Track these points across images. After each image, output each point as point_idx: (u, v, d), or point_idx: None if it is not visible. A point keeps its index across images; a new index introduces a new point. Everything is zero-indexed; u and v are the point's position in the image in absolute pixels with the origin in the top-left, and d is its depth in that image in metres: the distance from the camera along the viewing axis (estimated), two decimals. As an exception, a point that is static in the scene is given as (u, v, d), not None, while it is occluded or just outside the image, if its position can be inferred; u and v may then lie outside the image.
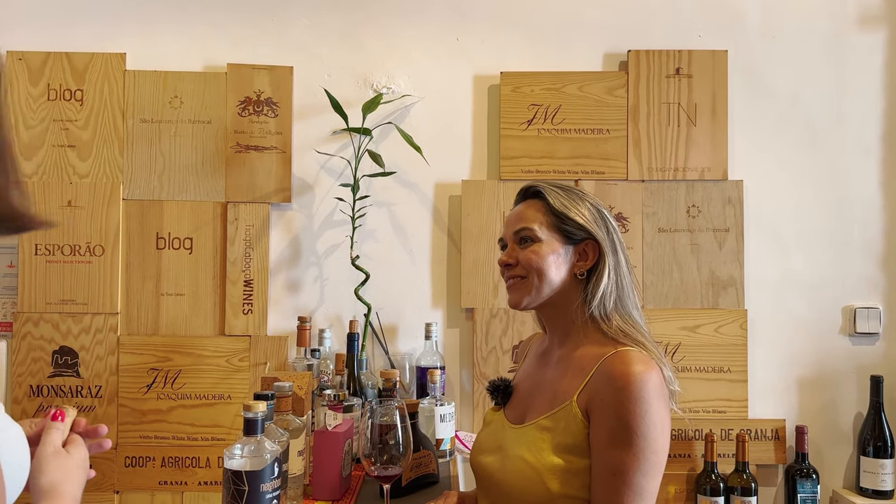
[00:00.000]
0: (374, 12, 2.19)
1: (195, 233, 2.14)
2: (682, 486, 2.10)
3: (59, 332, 2.11)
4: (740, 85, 2.18)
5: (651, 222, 2.14)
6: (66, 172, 2.13)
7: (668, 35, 2.18)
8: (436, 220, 2.19)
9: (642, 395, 1.11)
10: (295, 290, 2.17)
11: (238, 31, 2.18)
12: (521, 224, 1.30)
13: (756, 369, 2.15)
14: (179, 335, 2.13)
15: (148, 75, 2.14)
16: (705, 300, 2.14)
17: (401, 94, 2.17)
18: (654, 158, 2.15)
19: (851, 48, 2.19)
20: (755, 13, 2.19)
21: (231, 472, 1.16)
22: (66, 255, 2.12)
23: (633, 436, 1.10)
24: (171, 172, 2.14)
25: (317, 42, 2.18)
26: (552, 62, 2.17)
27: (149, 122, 2.15)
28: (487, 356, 2.13)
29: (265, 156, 2.14)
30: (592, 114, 2.15)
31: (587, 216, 1.28)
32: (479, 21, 2.19)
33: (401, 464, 1.31)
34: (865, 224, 2.18)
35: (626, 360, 1.15)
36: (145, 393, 2.11)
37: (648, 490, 1.12)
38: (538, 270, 1.26)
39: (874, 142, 2.19)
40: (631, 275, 1.30)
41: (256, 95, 2.14)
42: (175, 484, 2.10)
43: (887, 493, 2.06)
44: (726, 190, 2.14)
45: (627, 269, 1.29)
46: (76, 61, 2.14)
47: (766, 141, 2.18)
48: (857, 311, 2.15)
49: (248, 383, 2.10)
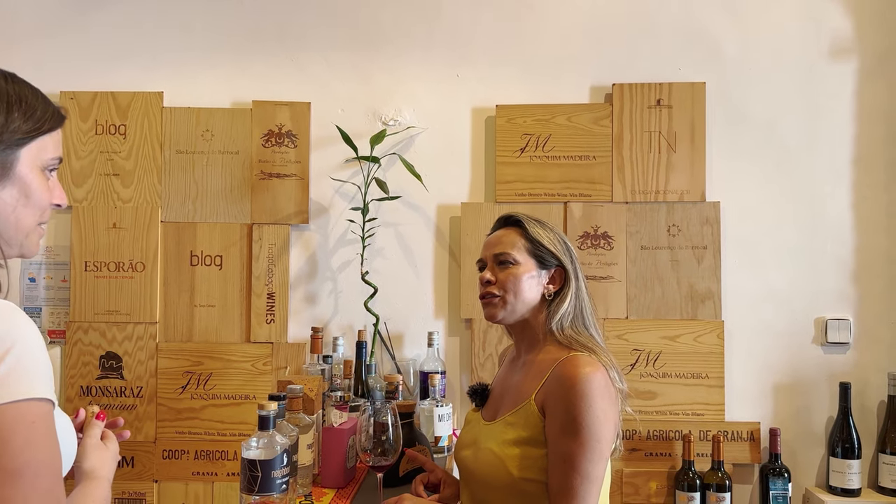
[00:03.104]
0: (383, 52, 2.43)
1: (224, 251, 2.40)
2: (662, 483, 2.29)
3: (105, 339, 2.39)
4: (718, 113, 2.36)
5: (634, 240, 2.34)
6: (112, 198, 2.40)
7: (651, 68, 2.37)
8: (438, 238, 2.42)
9: (588, 392, 1.29)
10: (312, 302, 2.42)
11: (262, 70, 2.43)
12: (500, 248, 1.49)
13: (734, 376, 2.33)
14: (210, 342, 2.39)
15: (182, 111, 2.41)
16: (685, 312, 2.32)
17: (406, 126, 2.41)
18: (637, 182, 2.34)
19: (823, 78, 2.36)
20: (732, 46, 2.37)
21: (247, 460, 1.39)
22: (111, 271, 2.39)
23: (579, 427, 1.28)
24: (204, 198, 2.41)
25: (332, 79, 2.43)
26: (543, 95, 2.39)
27: (183, 153, 2.42)
28: (484, 362, 2.34)
29: (286, 182, 2.40)
30: (580, 142, 2.35)
31: (557, 246, 1.49)
32: (478, 58, 2.42)
33: (392, 456, 1.54)
34: (837, 242, 2.34)
35: (576, 363, 1.33)
36: (180, 393, 2.37)
37: (594, 473, 1.29)
38: (515, 290, 1.45)
39: (845, 165, 2.35)
40: (589, 298, 1.51)
41: (278, 129, 2.40)
42: (206, 475, 2.36)
43: (854, 491, 2.22)
44: (704, 210, 2.33)
45: (586, 292, 1.50)
46: (120, 100, 2.41)
47: (742, 165, 2.36)
48: (828, 323, 2.32)
49: (271, 385, 2.35)
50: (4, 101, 0.90)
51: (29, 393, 0.79)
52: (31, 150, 0.92)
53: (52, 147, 0.96)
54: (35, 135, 0.93)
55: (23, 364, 0.79)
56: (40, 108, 0.94)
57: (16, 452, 0.76)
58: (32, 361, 0.81)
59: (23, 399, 0.78)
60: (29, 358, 0.80)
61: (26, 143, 0.92)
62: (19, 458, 0.76)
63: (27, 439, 0.77)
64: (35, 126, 0.92)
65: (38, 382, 0.80)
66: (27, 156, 0.92)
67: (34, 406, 0.79)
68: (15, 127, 0.90)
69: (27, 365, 0.80)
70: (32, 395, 0.79)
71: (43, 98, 0.96)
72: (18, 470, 0.76)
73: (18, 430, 0.77)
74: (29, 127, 0.92)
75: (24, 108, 0.91)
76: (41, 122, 0.93)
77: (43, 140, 0.94)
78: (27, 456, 0.77)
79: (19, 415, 0.77)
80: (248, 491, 1.38)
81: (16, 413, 0.77)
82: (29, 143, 0.92)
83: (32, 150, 0.93)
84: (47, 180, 0.96)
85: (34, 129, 0.92)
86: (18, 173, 0.91)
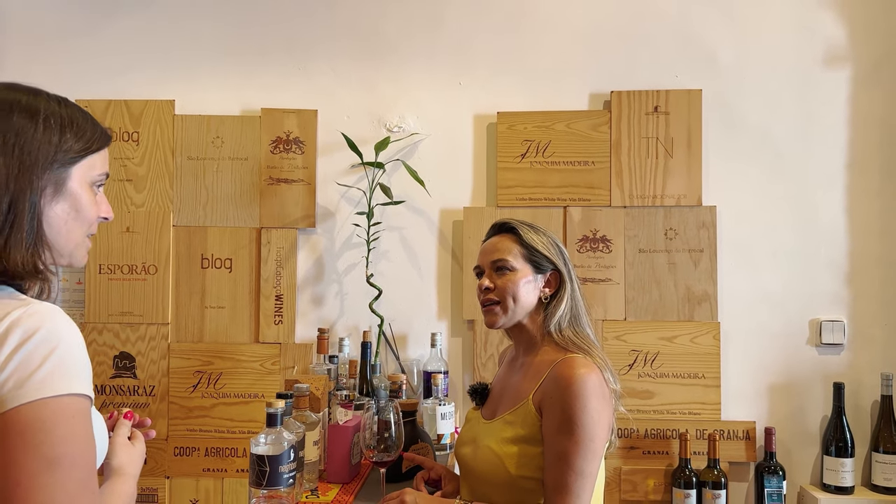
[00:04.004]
0: (388, 61, 2.50)
1: (234, 254, 2.48)
2: (660, 480, 2.34)
3: (119, 340, 2.46)
4: (715, 119, 2.42)
5: (632, 244, 2.40)
6: (125, 203, 2.48)
7: (648, 76, 2.43)
8: (441, 242, 2.49)
9: (583, 392, 1.34)
10: (319, 303, 2.49)
11: (270, 79, 2.51)
12: (497, 255, 1.53)
13: (729, 376, 2.39)
14: (220, 342, 2.46)
15: (193, 119, 2.49)
16: (682, 313, 2.38)
17: (410, 132, 2.48)
18: (635, 187, 2.40)
19: (818, 85, 2.41)
20: (728, 54, 2.43)
21: (256, 456, 1.47)
22: (125, 273, 2.47)
23: (574, 426, 1.33)
24: (214, 202, 2.49)
25: (338, 88, 2.50)
26: (543, 102, 2.45)
27: (195, 159, 2.49)
28: (486, 362, 2.41)
29: (293, 187, 2.47)
30: (579, 148, 2.42)
31: (551, 250, 1.55)
32: (479, 66, 2.49)
33: (394, 452, 1.60)
34: (831, 245, 2.40)
35: (572, 364, 1.38)
36: (191, 392, 2.45)
37: (588, 470, 1.34)
38: (514, 295, 1.50)
39: (839, 170, 2.40)
40: (583, 298, 1.56)
41: (286, 135, 2.47)
42: (217, 471, 2.44)
43: (847, 488, 2.27)
44: (701, 214, 2.39)
45: (580, 294, 1.56)
46: (133, 108, 2.49)
47: (738, 170, 2.42)
48: (822, 324, 2.37)
49: (279, 384, 2.42)
50: (59, 123, 0.98)
51: (70, 388, 0.86)
52: (82, 167, 1.00)
53: (100, 164, 1.04)
54: (85, 154, 1.00)
55: (66, 362, 0.86)
56: (90, 129, 1.02)
57: (56, 442, 0.83)
58: (74, 360, 0.88)
59: (65, 394, 0.85)
60: (71, 357, 0.87)
61: (77, 162, 0.99)
62: (59, 448, 0.83)
63: (67, 431, 0.84)
64: (85, 146, 1.00)
65: (79, 380, 0.87)
66: (78, 173, 1.00)
67: (75, 401, 0.86)
68: (68, 147, 0.98)
69: (70, 363, 0.86)
70: (74, 391, 0.86)
71: (92, 120, 1.04)
72: (57, 459, 0.83)
73: (59, 423, 0.84)
74: (80, 146, 0.99)
75: (75, 130, 0.99)
76: (91, 142, 1.01)
77: (92, 158, 1.02)
78: (66, 447, 0.84)
79: (61, 408, 0.84)
80: (257, 485, 1.45)
81: (58, 406, 0.84)
82: (80, 161, 1.00)
83: (83, 167, 1.00)
84: (95, 195, 1.04)
85: (85, 149, 1.00)
86: (70, 189, 0.99)
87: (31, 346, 0.85)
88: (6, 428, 0.82)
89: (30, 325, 0.86)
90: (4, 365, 0.83)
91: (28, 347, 0.84)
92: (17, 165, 0.93)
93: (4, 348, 0.84)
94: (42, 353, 0.85)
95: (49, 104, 0.99)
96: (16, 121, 0.94)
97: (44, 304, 0.91)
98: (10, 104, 0.96)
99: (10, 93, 0.98)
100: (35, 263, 0.94)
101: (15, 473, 0.80)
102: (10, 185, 0.92)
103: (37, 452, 0.81)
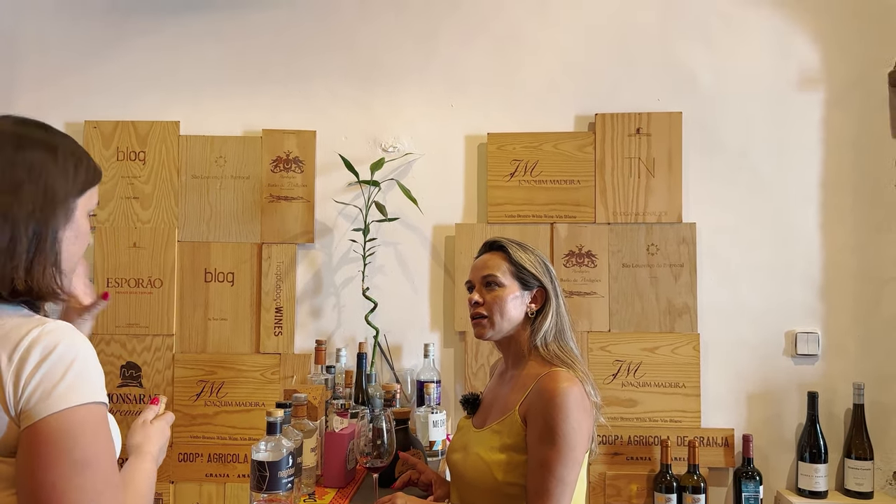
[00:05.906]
0: (383, 83, 2.62)
1: (236, 268, 2.59)
2: (642, 485, 2.45)
3: (125, 350, 2.57)
4: (694, 140, 2.53)
5: (616, 259, 2.51)
6: (132, 219, 2.59)
7: (631, 99, 2.55)
8: (434, 257, 2.60)
9: (564, 405, 1.44)
10: (317, 315, 2.60)
11: (271, 101, 2.63)
12: (487, 271, 1.64)
13: (709, 385, 2.49)
14: (223, 353, 2.57)
15: (197, 139, 2.61)
16: (663, 325, 2.49)
17: (404, 152, 2.60)
18: (619, 204, 2.52)
19: (793, 106, 2.52)
20: (707, 78, 2.55)
21: (256, 461, 1.57)
22: (131, 286, 2.58)
23: (556, 436, 1.43)
24: (217, 219, 2.60)
25: (335, 109, 2.62)
26: (531, 123, 2.57)
27: (198, 177, 2.61)
28: (477, 371, 2.52)
29: (293, 205, 2.58)
30: (565, 167, 2.53)
31: (538, 268, 1.66)
32: (470, 89, 2.60)
33: (387, 458, 1.71)
34: (806, 260, 2.50)
35: (555, 378, 1.49)
36: (195, 400, 2.55)
37: (568, 478, 1.44)
38: (501, 311, 1.60)
39: (814, 189, 2.51)
40: (567, 314, 1.67)
41: (286, 155, 2.59)
42: (219, 476, 2.54)
43: (821, 493, 2.38)
44: (681, 231, 2.50)
45: (565, 309, 1.67)
46: (140, 128, 2.61)
47: (717, 188, 2.53)
48: (798, 336, 2.48)
49: (278, 393, 2.52)
50: (73, 157, 1.09)
51: (93, 396, 0.96)
52: (85, 198, 1.11)
53: (96, 196, 1.15)
54: (89, 186, 1.12)
55: (84, 374, 0.96)
56: (92, 164, 1.13)
57: (84, 446, 0.93)
58: (91, 371, 0.98)
59: (87, 403, 0.96)
60: (88, 369, 0.98)
61: (84, 193, 1.11)
62: (87, 451, 0.94)
63: (92, 436, 0.95)
64: (89, 178, 1.12)
65: (96, 388, 0.98)
66: (82, 203, 1.11)
67: (95, 408, 0.97)
68: (81, 179, 1.09)
69: (87, 374, 0.97)
70: (95, 399, 0.97)
71: (88, 155, 1.15)
72: (87, 461, 0.93)
73: (85, 429, 0.94)
74: (87, 179, 1.11)
75: (84, 164, 1.11)
76: (94, 176, 1.13)
77: (93, 190, 1.13)
78: (94, 449, 0.95)
79: (84, 416, 0.95)
80: (258, 489, 1.56)
81: (85, 413, 0.95)
82: (85, 192, 1.11)
83: (86, 198, 1.11)
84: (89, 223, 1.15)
85: (89, 181, 1.12)
86: (76, 217, 1.10)
87: (52, 362, 0.94)
88: (37, 437, 0.92)
89: (48, 343, 0.95)
90: (29, 380, 0.93)
91: (49, 363, 0.94)
92: (41, 195, 1.03)
93: (27, 366, 0.93)
94: (62, 368, 0.94)
95: (64, 140, 1.10)
96: (39, 154, 1.04)
97: (57, 321, 1.01)
98: (32, 139, 1.05)
99: (27, 128, 1.07)
100: (53, 286, 1.04)
101: (51, 477, 0.91)
102: (36, 213, 1.02)
103: (68, 457, 0.92)
